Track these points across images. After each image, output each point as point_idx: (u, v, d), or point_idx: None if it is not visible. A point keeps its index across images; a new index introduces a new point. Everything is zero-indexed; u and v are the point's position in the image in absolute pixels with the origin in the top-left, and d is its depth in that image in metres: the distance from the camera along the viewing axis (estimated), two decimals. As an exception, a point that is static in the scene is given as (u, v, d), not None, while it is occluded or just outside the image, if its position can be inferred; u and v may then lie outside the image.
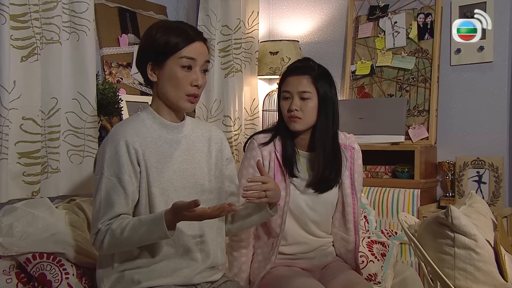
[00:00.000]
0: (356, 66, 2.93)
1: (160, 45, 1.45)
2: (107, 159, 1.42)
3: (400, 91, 2.80)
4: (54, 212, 1.71)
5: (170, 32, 1.46)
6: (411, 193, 2.50)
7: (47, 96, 1.88)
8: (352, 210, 1.81)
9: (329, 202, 1.82)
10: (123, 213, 1.42)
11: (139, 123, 1.50)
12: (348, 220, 1.82)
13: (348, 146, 1.84)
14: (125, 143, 1.43)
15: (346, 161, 1.82)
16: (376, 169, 2.69)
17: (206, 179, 1.56)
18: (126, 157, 1.42)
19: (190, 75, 1.47)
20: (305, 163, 1.81)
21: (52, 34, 1.88)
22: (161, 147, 1.49)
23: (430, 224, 1.61)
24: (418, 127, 2.71)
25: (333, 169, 1.78)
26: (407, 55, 2.78)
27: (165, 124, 1.51)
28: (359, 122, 2.69)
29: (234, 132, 2.70)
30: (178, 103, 1.49)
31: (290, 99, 1.76)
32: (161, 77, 1.48)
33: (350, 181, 1.82)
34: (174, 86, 1.47)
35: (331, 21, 3.07)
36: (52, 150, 1.89)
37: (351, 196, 1.81)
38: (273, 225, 1.77)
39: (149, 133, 1.49)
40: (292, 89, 1.76)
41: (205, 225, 1.53)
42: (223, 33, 2.68)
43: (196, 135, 1.58)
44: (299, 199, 1.78)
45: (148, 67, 1.48)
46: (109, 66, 2.40)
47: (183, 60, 1.45)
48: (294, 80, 1.76)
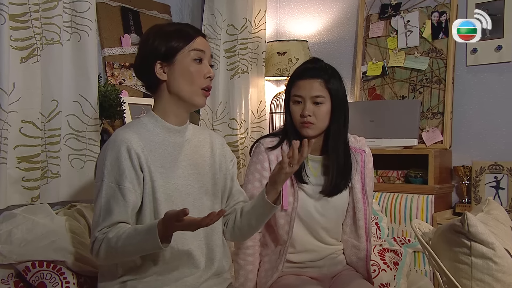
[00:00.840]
0: (367, 67, 2.92)
1: (165, 47, 1.45)
2: (108, 165, 1.42)
3: (413, 92, 2.78)
4: (54, 218, 1.72)
5: (171, 34, 1.48)
6: (424, 199, 2.49)
7: (47, 99, 1.89)
8: (363, 216, 1.81)
9: (339, 208, 1.81)
10: (122, 221, 1.41)
11: (141, 127, 1.50)
12: (359, 227, 1.81)
13: (358, 149, 1.84)
14: (126, 148, 1.43)
15: (357, 164, 1.82)
16: (388, 174, 2.68)
17: (210, 183, 1.57)
18: (128, 163, 1.42)
19: (202, 67, 1.49)
20: (314, 167, 1.81)
21: (52, 34, 1.89)
22: (165, 151, 1.49)
23: (445, 231, 1.60)
24: (432, 130, 2.70)
25: (343, 173, 1.78)
26: (420, 55, 2.77)
27: (168, 128, 1.52)
28: (370, 125, 2.68)
29: (240, 135, 2.70)
30: (192, 99, 1.49)
31: (301, 104, 1.76)
32: (172, 74, 1.48)
33: (361, 185, 1.82)
34: (188, 81, 1.47)
35: (341, 20, 3.06)
36: (52, 155, 1.90)
37: (362, 201, 1.81)
38: (280, 232, 1.77)
39: (152, 137, 1.49)
40: (304, 94, 1.75)
41: (210, 231, 1.53)
42: (229, 32, 2.68)
43: (199, 140, 1.60)
44: (308, 204, 1.78)
45: (157, 66, 1.47)
46: (111, 67, 2.41)
47: (193, 52, 1.47)
48: (306, 84, 1.75)
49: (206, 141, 1.62)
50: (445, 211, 2.57)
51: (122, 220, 1.41)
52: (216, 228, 1.55)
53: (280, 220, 1.77)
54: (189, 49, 1.47)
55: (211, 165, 1.59)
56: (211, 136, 1.65)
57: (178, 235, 1.45)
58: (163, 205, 1.45)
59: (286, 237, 1.75)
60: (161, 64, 1.47)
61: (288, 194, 1.75)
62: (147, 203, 1.45)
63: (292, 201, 1.75)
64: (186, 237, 1.47)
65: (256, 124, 2.87)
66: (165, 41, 1.46)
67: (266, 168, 1.78)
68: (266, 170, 1.78)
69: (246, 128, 2.75)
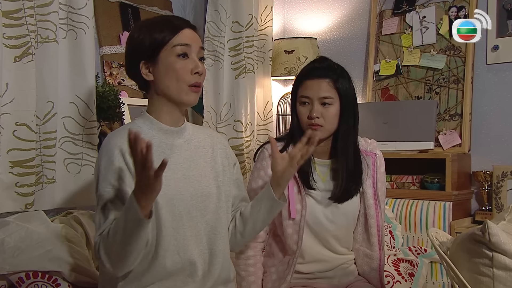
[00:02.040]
0: (380, 66, 2.91)
1: (149, 40, 1.46)
2: (102, 170, 1.42)
3: (429, 93, 2.77)
4: (50, 226, 1.72)
5: (155, 26, 1.47)
6: (442, 206, 2.48)
7: (42, 100, 1.89)
8: (375, 222, 1.81)
9: (350, 214, 1.81)
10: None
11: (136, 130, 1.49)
12: (372, 234, 1.81)
13: (369, 152, 1.84)
14: (120, 152, 1.43)
15: (368, 168, 1.81)
16: (402, 180, 2.68)
17: (213, 186, 1.57)
18: (123, 166, 1.42)
19: (188, 63, 1.47)
20: (322, 172, 1.81)
21: (48, 32, 1.89)
22: (163, 154, 1.49)
23: (465, 241, 1.58)
24: (449, 132, 2.69)
25: (354, 176, 1.77)
26: (437, 53, 2.76)
27: (164, 129, 1.52)
28: (383, 127, 2.68)
29: (246, 138, 2.70)
30: (180, 97, 1.48)
31: (309, 105, 1.76)
32: (157, 73, 1.48)
33: (373, 190, 1.81)
34: (173, 79, 1.46)
35: (352, 16, 3.05)
36: (47, 159, 1.90)
37: (374, 207, 1.81)
38: (289, 242, 1.77)
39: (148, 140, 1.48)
40: (311, 95, 1.75)
41: (213, 235, 1.53)
42: (234, 30, 2.68)
43: (198, 140, 1.59)
44: (317, 211, 1.77)
45: (142, 66, 1.48)
46: (110, 67, 2.42)
47: (177, 48, 1.46)
48: (314, 84, 1.75)
49: (206, 141, 1.61)
50: (464, 219, 2.56)
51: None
52: (220, 232, 1.55)
53: (288, 230, 1.76)
54: (172, 44, 1.46)
55: (212, 166, 1.59)
56: (212, 136, 1.65)
57: (180, 242, 1.45)
58: (164, 209, 1.45)
59: (295, 247, 1.75)
60: (145, 64, 1.48)
61: (295, 201, 1.75)
62: None
63: (300, 209, 1.74)
64: (188, 243, 1.47)
65: (262, 127, 2.87)
66: (144, 40, 1.46)
67: (271, 174, 1.77)
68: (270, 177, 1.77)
69: (252, 130, 2.75)
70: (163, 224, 1.44)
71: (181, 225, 1.47)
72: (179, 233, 1.47)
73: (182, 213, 1.48)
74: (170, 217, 1.45)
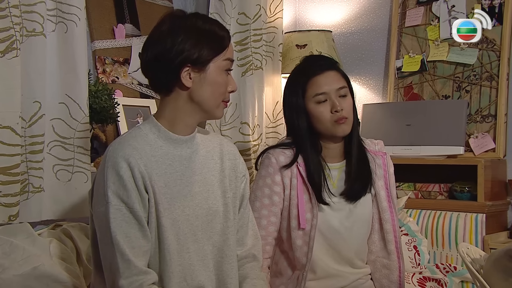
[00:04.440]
0: (402, 62, 2.91)
1: (205, 46, 1.46)
2: (111, 185, 1.41)
3: (458, 91, 2.77)
4: (37, 240, 1.72)
5: (209, 32, 1.49)
6: (473, 219, 2.47)
7: (28, 100, 1.89)
8: (391, 227, 1.83)
9: (364, 219, 1.83)
10: (147, 251, 1.41)
11: (141, 138, 1.49)
12: (388, 241, 1.83)
13: (378, 152, 1.89)
14: (128, 166, 1.42)
15: (379, 168, 1.86)
16: (428, 188, 2.67)
17: (220, 204, 1.56)
18: (132, 183, 1.42)
19: (229, 79, 1.55)
20: (335, 176, 1.84)
21: (34, 24, 1.89)
22: (170, 167, 1.49)
23: (500, 258, 1.58)
24: (481, 136, 2.68)
25: (363, 173, 1.82)
26: (467, 46, 2.75)
27: (172, 139, 1.51)
28: (406, 130, 2.68)
29: (253, 142, 2.70)
30: (213, 110, 1.53)
31: (327, 101, 1.79)
32: (199, 82, 1.49)
33: (386, 192, 1.84)
34: (216, 92, 1.51)
35: (372, 6, 3.05)
36: (34, 165, 1.90)
37: (389, 211, 1.83)
38: (298, 254, 1.77)
39: (154, 151, 1.48)
40: (327, 89, 1.78)
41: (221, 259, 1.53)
42: (240, 22, 2.68)
43: (207, 150, 1.59)
44: (330, 218, 1.79)
45: (184, 69, 1.46)
46: (103, 63, 2.42)
47: (227, 62, 1.52)
48: (325, 78, 1.80)
49: (215, 151, 1.61)
50: (499, 233, 2.55)
51: (146, 251, 1.41)
52: (228, 256, 1.54)
53: (298, 241, 1.77)
54: (223, 58, 1.50)
55: (220, 181, 1.58)
56: (222, 145, 1.64)
57: (186, 267, 1.45)
58: (169, 232, 1.45)
59: (305, 259, 1.75)
60: (192, 70, 1.47)
61: (305, 210, 1.76)
62: (151, 229, 1.44)
63: (310, 218, 1.75)
64: (195, 269, 1.47)
65: (271, 129, 2.87)
66: (200, 44, 1.46)
67: (278, 182, 1.79)
68: (277, 185, 1.79)
69: (260, 133, 2.75)
70: (167, 249, 1.44)
71: (186, 248, 1.47)
72: (184, 257, 1.47)
73: (187, 235, 1.48)
74: (175, 240, 1.45)
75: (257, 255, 1.65)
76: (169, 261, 1.44)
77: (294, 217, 1.76)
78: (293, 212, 1.77)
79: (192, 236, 1.49)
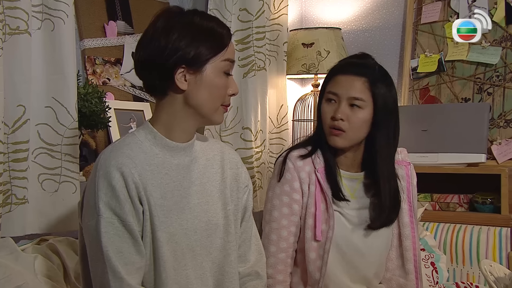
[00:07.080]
0: (418, 61, 2.92)
1: (199, 45, 1.45)
2: (102, 196, 1.41)
3: (479, 94, 2.78)
4: (20, 256, 1.71)
5: (206, 30, 1.48)
6: (497, 233, 2.47)
7: (11, 104, 1.89)
8: (411, 245, 1.83)
9: (384, 235, 1.83)
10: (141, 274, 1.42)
11: (135, 146, 1.49)
12: (407, 259, 1.83)
13: (401, 161, 1.89)
14: (121, 176, 1.42)
15: (402, 180, 1.86)
16: (446, 199, 2.68)
17: (221, 217, 1.56)
18: (126, 194, 1.42)
19: (229, 82, 1.53)
20: (351, 187, 1.84)
21: (18, 21, 1.89)
22: (167, 176, 1.49)
23: (528, 276, 1.57)
24: (505, 142, 2.69)
25: (395, 198, 1.81)
26: (489, 45, 2.76)
27: (169, 146, 1.51)
28: (422, 135, 2.68)
29: (256, 149, 2.70)
30: (212, 115, 1.52)
31: (335, 103, 1.79)
32: (194, 84, 1.48)
33: (409, 206, 1.85)
34: (213, 95, 1.50)
35: (384, 2, 3.07)
36: (17, 174, 1.90)
37: (410, 226, 1.84)
38: (311, 269, 1.77)
39: (149, 160, 1.48)
40: (340, 92, 1.78)
41: (221, 277, 1.54)
42: (241, 19, 2.69)
43: (207, 158, 1.59)
44: (347, 233, 1.79)
45: (179, 71, 1.46)
46: (93, 63, 2.42)
47: (226, 63, 1.50)
48: (346, 80, 1.79)
49: (215, 159, 1.61)
50: (525, 248, 2.55)
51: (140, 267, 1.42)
52: (229, 273, 1.54)
53: (311, 254, 1.77)
54: (222, 58, 1.49)
55: (221, 191, 1.58)
56: (223, 153, 1.64)
57: (183, 285, 1.46)
58: (165, 248, 1.44)
59: (318, 275, 1.75)
60: (185, 69, 1.46)
61: (321, 220, 1.76)
62: (146, 244, 1.44)
63: (326, 230, 1.76)
64: (192, 287, 1.47)
65: (275, 135, 2.87)
66: (196, 42, 1.45)
67: (297, 189, 1.79)
68: (296, 192, 1.79)
69: (263, 139, 2.75)
70: (162, 265, 1.44)
71: (183, 265, 1.47)
72: (181, 275, 1.46)
73: (184, 250, 1.48)
74: (172, 256, 1.45)
75: (261, 272, 1.65)
76: (165, 278, 1.44)
77: (309, 227, 1.77)
78: (308, 222, 1.77)
79: (190, 251, 1.49)
